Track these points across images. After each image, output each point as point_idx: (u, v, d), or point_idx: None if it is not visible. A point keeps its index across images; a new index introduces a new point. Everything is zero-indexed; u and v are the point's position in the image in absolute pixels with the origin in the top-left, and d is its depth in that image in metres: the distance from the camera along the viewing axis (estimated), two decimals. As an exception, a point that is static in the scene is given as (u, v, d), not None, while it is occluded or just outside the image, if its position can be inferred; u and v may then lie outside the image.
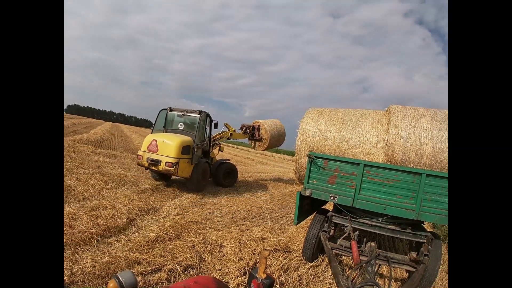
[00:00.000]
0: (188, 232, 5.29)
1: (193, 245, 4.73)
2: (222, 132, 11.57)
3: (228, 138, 11.74)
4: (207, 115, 9.70)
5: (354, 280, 3.64)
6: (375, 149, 5.02)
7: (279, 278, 4.17)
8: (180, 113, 9.82)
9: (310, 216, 5.53)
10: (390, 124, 4.97)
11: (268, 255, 1.33)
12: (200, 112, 9.44)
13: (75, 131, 21.65)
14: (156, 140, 8.68)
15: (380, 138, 5.04)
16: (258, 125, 12.17)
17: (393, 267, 4.50)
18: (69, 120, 30.41)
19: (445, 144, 4.73)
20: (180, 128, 9.62)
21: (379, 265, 4.52)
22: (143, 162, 8.75)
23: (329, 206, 6.26)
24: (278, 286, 4.02)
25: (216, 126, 10.26)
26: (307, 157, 4.76)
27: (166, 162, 8.28)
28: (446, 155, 4.71)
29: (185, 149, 8.59)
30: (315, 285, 4.35)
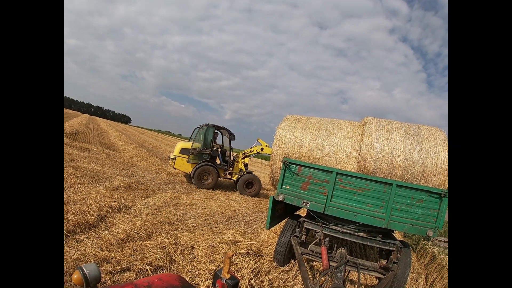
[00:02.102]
0: (160, 232, 5.21)
1: (164, 246, 4.67)
2: (254, 146, 12.56)
3: (259, 153, 12.63)
4: (214, 128, 12.22)
5: (322, 285, 3.72)
6: (348, 158, 5.14)
7: (249, 281, 4.18)
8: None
9: (283, 221, 5.59)
10: (364, 135, 5.12)
11: (232, 255, 1.35)
12: (206, 125, 12.19)
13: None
14: (175, 145, 12.51)
15: (354, 148, 5.17)
16: None
17: (363, 273, 4.62)
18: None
19: (416, 157, 4.91)
20: (200, 139, 12.22)
21: (349, 271, 4.62)
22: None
23: (302, 212, 6.35)
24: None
25: (234, 138, 12.59)
26: (282, 163, 4.83)
27: (171, 158, 11.98)
28: (417, 167, 4.88)
29: (183, 151, 11.70)
30: (284, 289, 4.40)
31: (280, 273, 4.75)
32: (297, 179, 4.74)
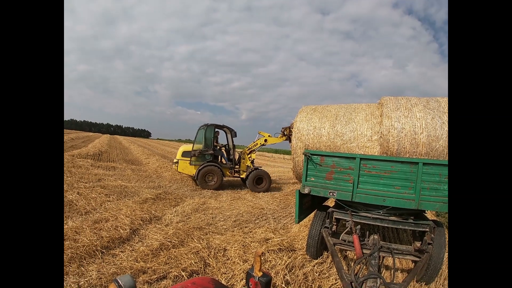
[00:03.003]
0: (192, 238, 5.29)
1: (197, 251, 4.74)
2: (257, 139, 12.11)
3: (263, 145, 12.19)
4: (214, 127, 11.82)
5: (357, 274, 3.65)
6: (370, 142, 5.03)
7: (284, 277, 4.17)
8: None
9: (312, 214, 5.54)
10: (383, 116, 4.98)
11: (262, 253, 1.36)
12: (205, 125, 11.81)
13: (74, 145, 21.71)
14: (179, 148, 12.34)
15: (374, 131, 5.04)
16: None
17: (398, 258, 4.50)
18: (67, 135, 30.46)
19: (439, 132, 4.74)
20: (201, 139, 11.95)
21: (383, 257, 4.52)
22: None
23: (330, 202, 6.28)
24: (284, 285, 4.03)
25: (235, 135, 12.28)
26: (303, 155, 4.78)
27: (174, 162, 12.04)
28: (441, 142, 4.72)
29: (184, 154, 11.62)
30: (320, 282, 4.35)
31: (314, 266, 4.71)
32: (321, 170, 4.67)
